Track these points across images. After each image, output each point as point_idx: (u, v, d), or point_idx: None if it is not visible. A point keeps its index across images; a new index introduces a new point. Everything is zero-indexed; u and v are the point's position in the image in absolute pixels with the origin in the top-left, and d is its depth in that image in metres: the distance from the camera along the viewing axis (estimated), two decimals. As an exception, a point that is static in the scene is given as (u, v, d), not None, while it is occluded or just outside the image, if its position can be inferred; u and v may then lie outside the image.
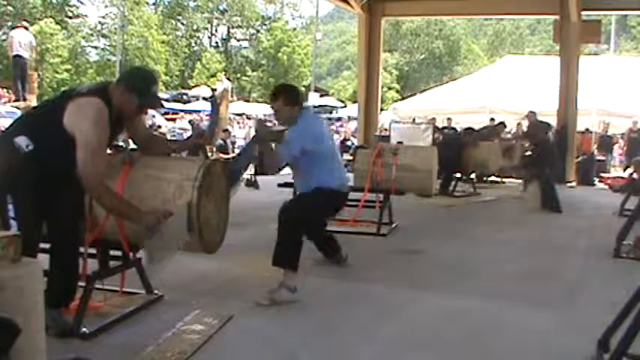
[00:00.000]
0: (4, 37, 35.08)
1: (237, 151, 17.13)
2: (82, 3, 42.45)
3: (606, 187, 12.42)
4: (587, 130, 15.86)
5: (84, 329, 3.10)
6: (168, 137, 15.85)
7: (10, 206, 2.84)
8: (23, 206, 2.86)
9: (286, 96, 4.00)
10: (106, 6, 41.81)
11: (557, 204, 8.33)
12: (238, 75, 45.60)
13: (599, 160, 14.55)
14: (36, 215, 2.90)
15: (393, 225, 6.56)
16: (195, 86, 36.02)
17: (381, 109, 18.08)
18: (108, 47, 40.79)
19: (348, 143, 18.02)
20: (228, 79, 21.54)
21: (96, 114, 2.90)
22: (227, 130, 14.62)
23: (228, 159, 11.62)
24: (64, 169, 2.91)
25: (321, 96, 33.49)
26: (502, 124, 12.75)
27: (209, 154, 3.51)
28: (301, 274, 3.98)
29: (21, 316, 1.96)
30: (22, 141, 2.90)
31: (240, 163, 4.08)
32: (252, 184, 9.04)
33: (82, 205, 3.16)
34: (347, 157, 14.06)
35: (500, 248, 5.91)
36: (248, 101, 35.84)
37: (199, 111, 26.52)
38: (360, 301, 3.95)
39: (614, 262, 5.36)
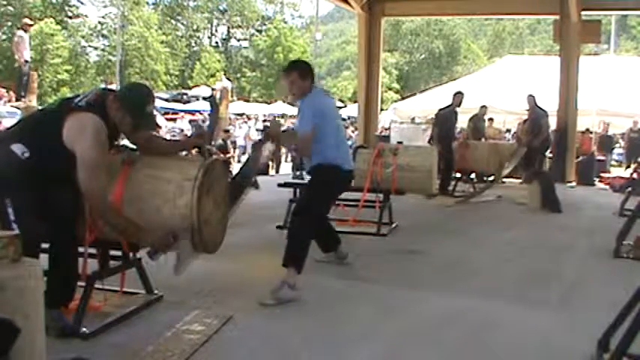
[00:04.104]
0: (4, 37, 35.14)
1: (237, 151, 17.15)
2: (82, 3, 42.49)
3: (606, 187, 12.43)
4: (587, 130, 15.86)
5: (84, 329, 3.10)
6: (168, 137, 15.85)
7: (10, 210, 2.85)
8: (22, 208, 2.87)
9: (301, 69, 4.12)
10: (106, 6, 41.82)
11: (557, 204, 8.34)
12: (238, 75, 45.61)
13: (599, 160, 14.56)
14: (35, 216, 2.91)
15: (393, 225, 6.56)
16: (195, 86, 36.00)
17: (381, 109, 18.08)
18: (108, 47, 40.78)
19: (348, 143, 18.04)
20: (228, 79, 21.54)
21: (95, 133, 2.91)
22: (228, 130, 14.61)
23: (228, 159, 11.63)
24: (61, 173, 2.93)
25: (321, 96, 33.38)
26: (484, 107, 12.67)
27: (213, 153, 3.50)
28: (302, 274, 3.98)
29: (21, 316, 1.96)
30: (18, 148, 2.92)
31: (247, 170, 4.10)
32: (252, 184, 9.01)
33: (80, 205, 3.16)
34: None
35: (500, 248, 5.91)
36: (248, 101, 35.85)
37: (199, 111, 26.50)
38: (360, 301, 3.95)
39: (614, 262, 5.35)
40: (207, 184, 3.19)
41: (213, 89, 19.68)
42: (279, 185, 6.42)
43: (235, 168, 5.67)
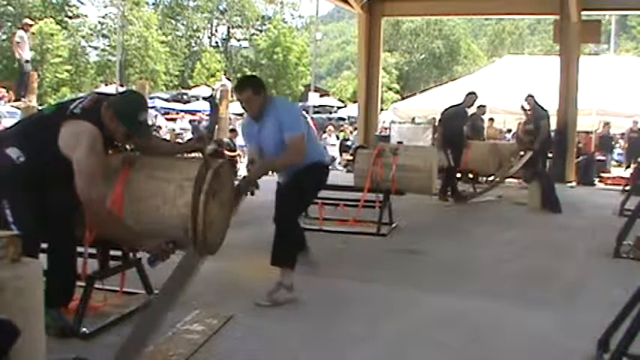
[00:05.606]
0: (4, 37, 35.15)
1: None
2: (82, 3, 42.50)
3: (606, 186, 12.44)
4: (595, 130, 15.91)
5: (84, 329, 3.11)
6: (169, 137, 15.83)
7: (8, 211, 2.85)
8: (20, 209, 2.87)
9: (253, 85, 3.93)
10: (106, 6, 41.84)
11: (557, 204, 8.34)
12: (238, 75, 45.54)
13: (599, 160, 14.56)
14: (34, 217, 2.91)
15: (393, 225, 6.56)
16: (195, 86, 36.01)
17: (381, 109, 18.08)
18: (108, 47, 40.77)
19: (348, 143, 18.04)
20: (228, 79, 21.52)
21: (90, 142, 2.91)
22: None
23: (234, 157, 11.66)
24: (58, 176, 2.93)
25: (321, 96, 33.46)
26: (482, 106, 12.30)
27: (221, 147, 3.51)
28: (301, 275, 3.98)
29: (21, 316, 1.96)
30: (13, 153, 2.93)
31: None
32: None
33: (79, 205, 3.16)
34: (347, 157, 14.06)
35: (500, 248, 5.91)
36: (248, 101, 35.69)
37: (199, 111, 26.48)
38: (359, 301, 3.95)
39: (614, 262, 5.36)
40: (214, 186, 3.19)
41: (213, 89, 19.66)
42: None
43: (241, 167, 5.65)
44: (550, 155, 12.09)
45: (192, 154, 3.55)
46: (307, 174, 4.02)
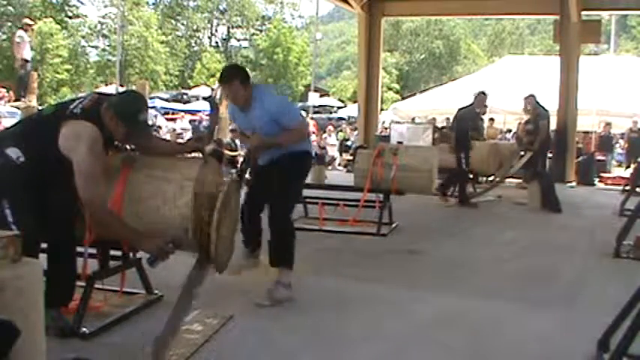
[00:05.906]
0: (4, 37, 35.14)
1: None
2: (82, 3, 42.50)
3: (606, 186, 12.44)
4: (595, 131, 15.93)
5: (84, 329, 3.10)
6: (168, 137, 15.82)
7: (8, 211, 2.85)
8: (20, 209, 2.87)
9: (241, 76, 3.88)
10: (106, 6, 41.82)
11: (557, 204, 8.33)
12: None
13: (599, 160, 14.56)
14: (34, 217, 2.91)
15: (393, 225, 6.56)
16: (195, 86, 36.01)
17: (381, 109, 18.09)
18: (108, 47, 40.78)
19: (348, 143, 18.04)
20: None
21: (90, 142, 2.91)
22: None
23: (235, 156, 11.68)
24: (58, 176, 2.94)
25: (321, 96, 33.46)
26: (484, 106, 12.20)
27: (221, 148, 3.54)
28: (301, 275, 3.98)
29: (21, 316, 1.96)
30: (13, 153, 2.93)
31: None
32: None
33: (79, 205, 3.16)
34: (347, 157, 14.02)
35: (500, 248, 5.91)
36: (248, 101, 35.65)
37: (199, 111, 26.49)
38: (360, 301, 3.95)
39: (614, 262, 5.36)
40: (226, 202, 3.19)
41: (213, 89, 19.68)
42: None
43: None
44: (550, 155, 12.08)
45: (192, 154, 3.55)
46: (292, 163, 4.02)
